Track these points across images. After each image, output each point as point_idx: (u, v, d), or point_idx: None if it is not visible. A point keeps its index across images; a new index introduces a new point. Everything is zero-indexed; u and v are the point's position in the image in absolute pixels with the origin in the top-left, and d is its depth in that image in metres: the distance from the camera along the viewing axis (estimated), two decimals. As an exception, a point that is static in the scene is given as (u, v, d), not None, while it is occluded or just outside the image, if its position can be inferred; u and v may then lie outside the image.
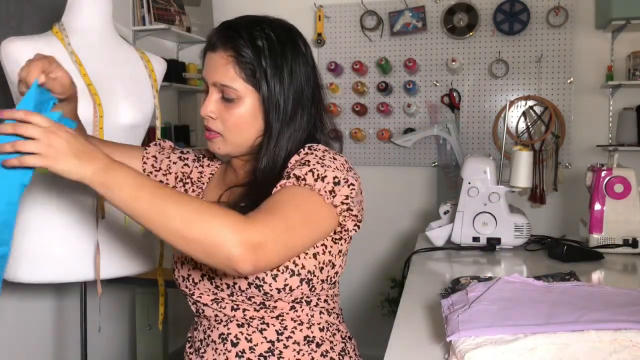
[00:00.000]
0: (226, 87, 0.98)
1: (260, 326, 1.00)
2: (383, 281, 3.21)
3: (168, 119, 3.18)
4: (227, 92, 0.98)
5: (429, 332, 1.10)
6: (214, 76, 0.99)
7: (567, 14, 3.01)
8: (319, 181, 0.92)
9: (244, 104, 0.99)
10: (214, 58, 0.99)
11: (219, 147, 1.03)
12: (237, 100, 0.99)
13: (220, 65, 0.98)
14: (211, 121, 1.01)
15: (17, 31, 2.05)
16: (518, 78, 3.12)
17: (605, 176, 1.80)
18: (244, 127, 1.00)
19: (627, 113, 2.96)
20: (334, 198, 0.93)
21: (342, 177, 0.94)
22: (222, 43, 0.99)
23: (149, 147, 1.19)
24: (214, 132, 1.01)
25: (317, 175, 0.92)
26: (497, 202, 1.86)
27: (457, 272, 1.62)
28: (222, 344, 1.01)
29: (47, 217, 1.53)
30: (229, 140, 1.01)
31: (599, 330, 0.84)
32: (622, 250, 1.77)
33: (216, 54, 0.99)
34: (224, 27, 1.01)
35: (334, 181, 0.93)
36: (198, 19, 3.26)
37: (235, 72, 0.97)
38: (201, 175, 1.15)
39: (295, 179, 0.92)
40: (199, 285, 1.02)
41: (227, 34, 0.99)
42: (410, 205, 3.30)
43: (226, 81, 0.98)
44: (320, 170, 0.93)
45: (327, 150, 0.99)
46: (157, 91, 1.70)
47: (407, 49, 3.24)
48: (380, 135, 3.27)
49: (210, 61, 1.00)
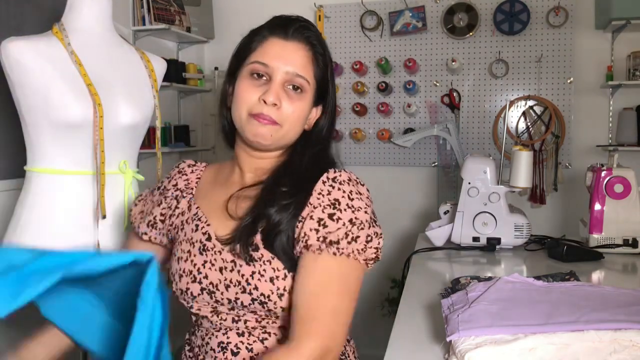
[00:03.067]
0: (300, 77, 0.99)
1: (262, 335, 0.98)
2: (383, 281, 3.21)
3: (168, 119, 3.18)
4: (298, 82, 0.99)
5: (429, 332, 1.10)
6: (290, 63, 0.98)
7: (567, 14, 3.01)
8: (352, 243, 0.92)
9: (307, 98, 1.01)
10: (289, 47, 0.99)
11: (272, 134, 0.99)
12: (303, 93, 1.00)
13: (299, 56, 0.99)
14: (272, 110, 0.98)
15: (17, 31, 2.05)
16: (518, 78, 3.12)
17: (605, 176, 1.80)
18: (301, 120, 1.02)
19: (627, 113, 2.96)
20: (365, 253, 0.93)
21: (372, 232, 0.94)
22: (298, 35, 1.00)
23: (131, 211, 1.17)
24: (272, 119, 0.98)
25: (350, 238, 0.92)
26: (497, 202, 1.86)
27: (457, 272, 1.62)
28: (221, 353, 0.99)
29: (47, 217, 1.53)
30: (284, 130, 1.00)
31: (599, 330, 0.84)
32: (622, 250, 1.78)
33: (291, 43, 0.99)
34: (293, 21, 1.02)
35: (367, 240, 0.93)
36: (198, 19, 3.26)
37: (312, 66, 1.00)
38: (188, 182, 1.12)
39: (329, 245, 0.91)
40: (198, 299, 1.00)
41: (304, 29, 1.00)
42: (410, 205, 3.30)
43: (304, 72, 0.99)
44: (354, 231, 0.92)
45: (351, 181, 0.98)
46: (157, 91, 1.70)
47: (407, 49, 3.24)
48: (380, 135, 3.27)
49: (284, 49, 0.99)
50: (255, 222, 0.96)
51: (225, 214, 1.02)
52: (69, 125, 1.48)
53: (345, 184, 0.96)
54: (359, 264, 0.93)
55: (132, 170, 1.65)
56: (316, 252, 0.91)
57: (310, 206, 0.94)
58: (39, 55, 1.46)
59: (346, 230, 0.92)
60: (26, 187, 1.55)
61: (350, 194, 0.95)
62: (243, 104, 0.99)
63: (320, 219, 0.92)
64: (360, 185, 0.99)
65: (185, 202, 1.09)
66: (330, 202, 0.93)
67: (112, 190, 1.58)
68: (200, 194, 1.09)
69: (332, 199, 0.94)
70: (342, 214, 0.92)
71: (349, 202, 0.94)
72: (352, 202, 0.94)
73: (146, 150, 2.36)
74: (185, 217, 1.07)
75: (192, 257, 1.00)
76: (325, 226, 0.91)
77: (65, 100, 1.45)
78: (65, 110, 1.45)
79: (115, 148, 1.58)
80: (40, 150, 1.52)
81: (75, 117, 1.47)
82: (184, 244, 1.03)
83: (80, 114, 1.47)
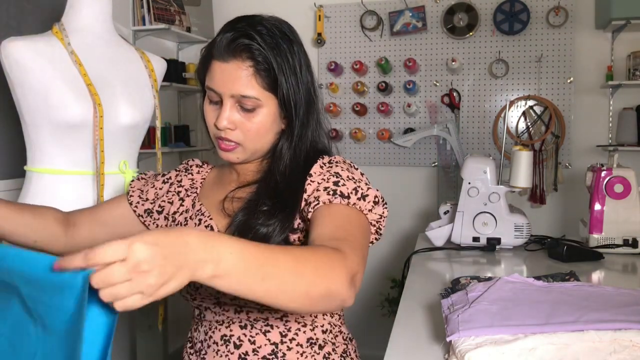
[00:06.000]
0: (247, 97, 0.95)
1: (264, 328, 0.99)
2: (383, 281, 3.21)
3: (168, 119, 3.18)
4: (246, 102, 0.96)
5: (429, 332, 1.10)
6: (231, 88, 0.95)
7: (567, 14, 3.01)
8: (362, 200, 0.94)
9: (264, 111, 0.97)
10: (228, 69, 0.95)
11: (237, 157, 1.01)
12: (258, 109, 0.97)
13: (239, 77, 0.94)
14: (230, 132, 0.98)
15: (17, 31, 2.05)
16: (518, 78, 3.12)
17: (605, 176, 1.80)
18: (265, 133, 0.99)
19: (627, 113, 2.96)
20: (370, 213, 0.95)
21: (380, 196, 0.97)
22: (235, 53, 0.94)
23: (133, 182, 1.18)
24: (233, 142, 0.99)
25: (360, 194, 0.94)
26: (497, 202, 1.86)
27: (457, 272, 1.62)
28: (224, 346, 1.00)
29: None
30: (249, 148, 1.00)
31: (599, 330, 0.84)
32: (622, 250, 1.77)
33: (229, 65, 0.95)
34: (230, 35, 0.95)
35: (374, 200, 0.95)
36: (198, 19, 3.26)
37: (257, 82, 0.95)
38: (193, 182, 1.14)
39: (341, 197, 0.92)
40: (200, 291, 1.01)
41: (238, 43, 0.94)
42: (410, 205, 3.30)
43: (247, 92, 0.95)
44: (364, 189, 0.95)
45: (346, 162, 1.01)
46: (157, 91, 1.70)
47: (407, 49, 3.24)
48: (380, 135, 3.27)
49: (223, 72, 0.95)
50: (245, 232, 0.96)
51: (222, 212, 1.05)
52: (68, 125, 1.48)
53: (342, 163, 1.00)
54: (368, 221, 0.95)
55: (132, 170, 1.65)
56: (327, 203, 0.92)
57: (313, 183, 0.96)
58: (39, 55, 1.46)
59: (355, 187, 0.95)
60: (26, 187, 1.55)
61: (349, 169, 0.99)
62: (209, 127, 1.02)
63: (326, 187, 0.94)
64: (355, 168, 1.02)
65: (190, 200, 1.11)
66: (332, 174, 0.96)
67: (112, 191, 1.58)
68: (203, 194, 1.12)
69: (332, 172, 0.97)
70: (346, 182, 0.95)
71: (349, 174, 0.97)
72: (353, 175, 0.98)
73: (146, 150, 2.36)
74: (189, 214, 1.09)
75: None
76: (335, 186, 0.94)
77: (65, 100, 1.45)
78: (65, 110, 1.45)
79: (115, 148, 1.58)
80: (40, 150, 1.52)
81: (75, 117, 1.47)
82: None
83: (80, 114, 1.47)
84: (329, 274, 0.75)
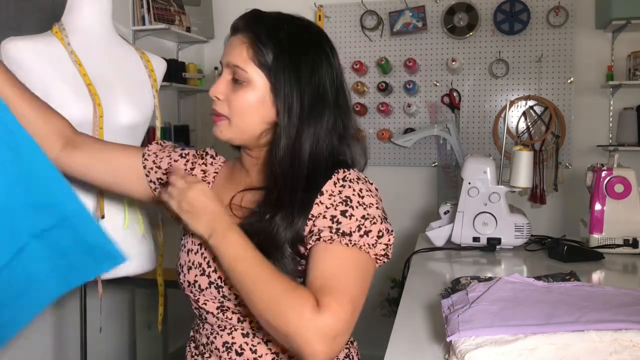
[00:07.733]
0: (237, 67, 0.97)
1: (267, 337, 0.98)
2: (383, 281, 3.21)
3: (168, 119, 3.18)
4: (238, 73, 0.97)
5: (429, 332, 1.10)
6: (227, 56, 0.99)
7: (567, 14, 3.01)
8: (364, 237, 0.91)
9: (253, 89, 0.97)
10: (233, 41, 0.99)
11: (221, 130, 1.00)
12: (246, 84, 0.97)
13: (236, 45, 0.98)
14: (218, 103, 0.99)
15: (17, 31, 2.05)
16: (518, 78, 3.12)
17: (606, 176, 1.79)
18: (250, 111, 0.97)
19: (627, 113, 2.96)
20: (375, 248, 0.92)
21: (383, 228, 0.93)
22: (243, 27, 0.98)
23: (151, 145, 1.18)
24: (220, 115, 0.99)
25: (363, 232, 0.91)
26: (497, 202, 1.86)
27: (457, 272, 1.62)
28: (226, 353, 0.99)
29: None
30: (234, 123, 0.99)
31: (599, 331, 0.84)
32: (622, 250, 1.77)
33: (236, 37, 0.99)
34: (251, 13, 1.00)
35: (378, 235, 0.92)
36: (198, 19, 3.26)
37: (248, 55, 0.96)
38: (205, 173, 1.12)
39: (341, 236, 0.90)
40: (205, 292, 0.99)
41: (251, 20, 0.99)
42: (410, 205, 3.30)
43: (238, 62, 0.97)
44: (366, 225, 0.92)
45: (360, 179, 0.97)
46: (157, 91, 1.70)
47: (407, 49, 3.24)
48: (380, 135, 3.26)
49: (229, 44, 1.00)
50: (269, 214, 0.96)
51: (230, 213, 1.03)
52: (68, 125, 1.47)
53: (355, 182, 0.96)
54: (370, 258, 0.93)
55: (132, 170, 1.64)
56: (328, 242, 0.90)
57: (322, 205, 0.94)
58: (39, 55, 1.46)
59: (359, 224, 0.92)
60: (26, 187, 1.55)
61: (361, 191, 0.95)
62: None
63: (333, 216, 0.92)
64: (369, 183, 0.99)
65: None
66: (342, 199, 0.93)
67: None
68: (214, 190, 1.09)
69: (343, 197, 0.94)
70: (354, 210, 0.93)
71: (359, 199, 0.94)
72: (363, 200, 0.94)
73: (146, 150, 2.35)
74: None
75: (203, 250, 1.01)
76: (338, 222, 0.92)
77: (65, 100, 1.45)
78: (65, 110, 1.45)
79: (115, 148, 1.58)
80: (40, 150, 1.51)
81: (75, 117, 1.46)
82: (195, 236, 1.02)
83: (80, 113, 1.47)
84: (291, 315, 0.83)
